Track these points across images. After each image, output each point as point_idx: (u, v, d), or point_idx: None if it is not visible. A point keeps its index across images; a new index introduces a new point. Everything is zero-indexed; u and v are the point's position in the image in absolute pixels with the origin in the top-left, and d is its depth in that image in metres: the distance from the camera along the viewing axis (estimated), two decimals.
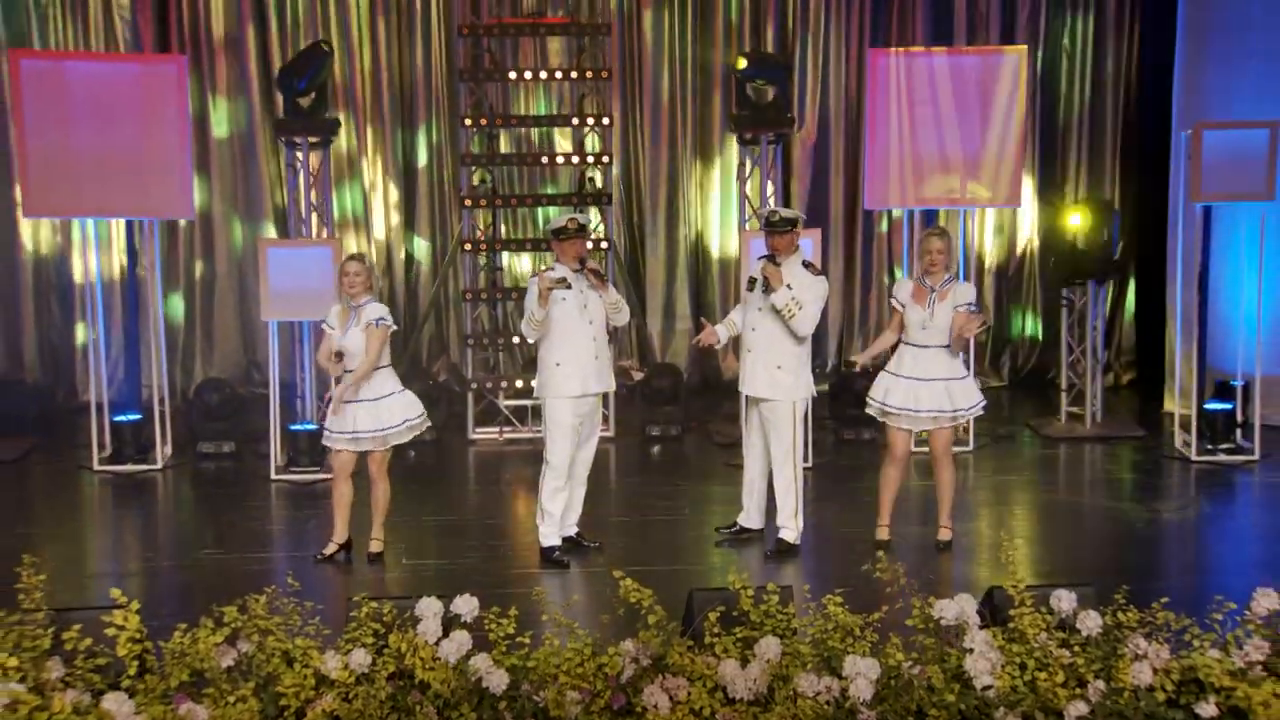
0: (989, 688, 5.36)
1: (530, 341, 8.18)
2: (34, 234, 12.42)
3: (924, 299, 7.90)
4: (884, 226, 13.05)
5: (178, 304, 12.57)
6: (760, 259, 7.97)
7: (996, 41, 12.69)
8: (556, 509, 8.00)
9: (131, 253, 11.14)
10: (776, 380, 7.95)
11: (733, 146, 12.14)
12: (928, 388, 7.91)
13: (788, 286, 7.78)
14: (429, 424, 8.24)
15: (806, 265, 7.94)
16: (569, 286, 7.76)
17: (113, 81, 10.01)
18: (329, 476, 8.48)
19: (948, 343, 7.90)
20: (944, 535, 8.16)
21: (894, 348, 8.13)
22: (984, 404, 8.13)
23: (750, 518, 8.37)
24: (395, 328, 8.02)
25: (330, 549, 8.05)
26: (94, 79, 10.02)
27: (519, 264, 12.58)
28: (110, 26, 12.29)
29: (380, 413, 7.86)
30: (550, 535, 8.01)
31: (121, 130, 9.85)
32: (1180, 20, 11.32)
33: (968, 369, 8.27)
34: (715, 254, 13.14)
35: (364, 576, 7.81)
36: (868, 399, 8.17)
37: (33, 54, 11.27)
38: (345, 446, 7.89)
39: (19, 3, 12.14)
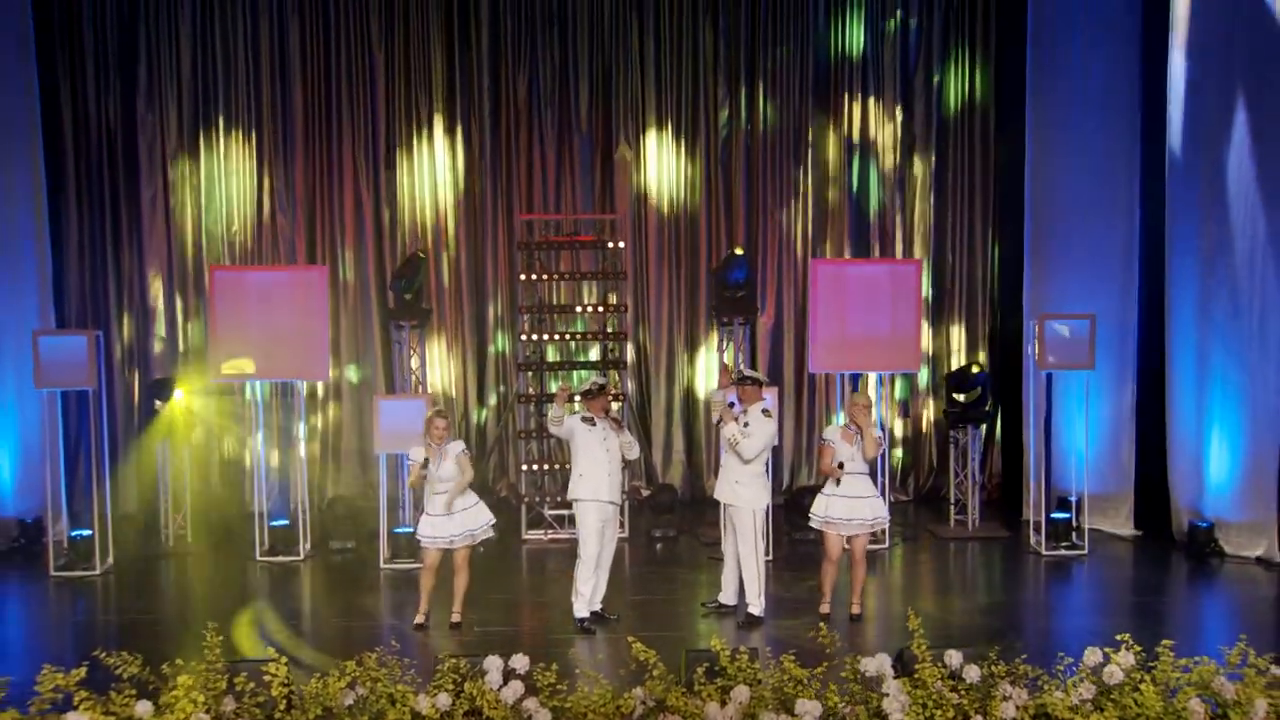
0: None
1: (551, 431, 8.28)
2: (218, 398, 12.32)
3: (851, 439, 8.06)
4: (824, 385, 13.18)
5: (316, 441, 12.64)
6: (717, 396, 8.30)
7: (901, 250, 12.99)
8: (586, 590, 8.06)
9: (285, 404, 11.28)
10: (737, 491, 8.08)
11: (714, 327, 12.35)
12: (857, 503, 8.03)
13: (745, 425, 7.96)
14: (493, 530, 8.22)
15: (764, 412, 8.13)
16: (581, 406, 8.10)
17: (275, 285, 10.33)
18: (419, 565, 8.48)
19: (867, 469, 8.04)
20: (856, 609, 8.23)
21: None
22: (888, 517, 8.24)
23: (727, 596, 8.41)
24: (473, 454, 8.29)
25: (420, 619, 8.11)
26: (263, 283, 10.35)
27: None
28: (276, 244, 12.64)
29: (466, 520, 7.96)
30: (581, 610, 8.06)
31: (279, 319, 10.14)
32: (1026, 236, 11.62)
33: (878, 490, 8.38)
34: (701, 404, 13.22)
35: (446, 640, 7.85)
36: (810, 514, 8.24)
37: (224, 268, 11.56)
38: (442, 547, 7.97)
39: (217, 233, 12.52)
